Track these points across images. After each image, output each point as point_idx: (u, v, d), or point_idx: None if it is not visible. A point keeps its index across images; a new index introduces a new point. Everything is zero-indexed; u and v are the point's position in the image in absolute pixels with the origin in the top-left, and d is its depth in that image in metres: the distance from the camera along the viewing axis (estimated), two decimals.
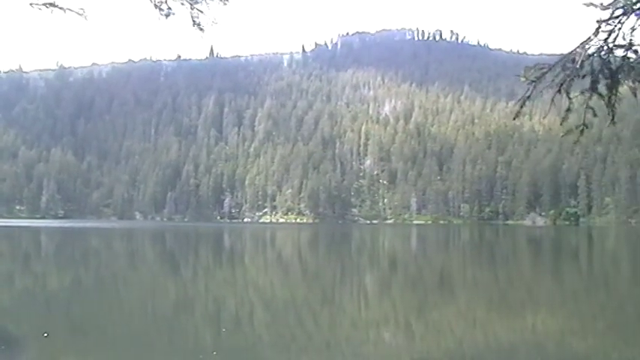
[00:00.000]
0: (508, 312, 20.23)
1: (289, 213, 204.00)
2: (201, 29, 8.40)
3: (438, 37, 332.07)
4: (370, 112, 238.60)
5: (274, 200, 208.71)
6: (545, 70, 5.99)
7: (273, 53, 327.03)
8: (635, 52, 5.84)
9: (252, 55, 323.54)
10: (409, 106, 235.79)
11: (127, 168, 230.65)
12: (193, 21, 8.34)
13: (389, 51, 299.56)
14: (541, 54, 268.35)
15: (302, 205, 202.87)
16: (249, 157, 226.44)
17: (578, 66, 5.89)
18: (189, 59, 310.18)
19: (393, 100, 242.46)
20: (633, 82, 5.93)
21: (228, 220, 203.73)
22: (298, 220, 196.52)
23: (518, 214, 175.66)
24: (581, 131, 6.43)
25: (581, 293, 25.98)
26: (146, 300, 23.18)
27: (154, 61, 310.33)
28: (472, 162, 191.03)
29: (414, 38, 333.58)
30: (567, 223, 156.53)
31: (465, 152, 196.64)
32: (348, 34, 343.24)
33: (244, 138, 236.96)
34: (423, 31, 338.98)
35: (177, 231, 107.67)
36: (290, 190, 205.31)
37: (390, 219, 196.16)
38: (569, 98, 6.14)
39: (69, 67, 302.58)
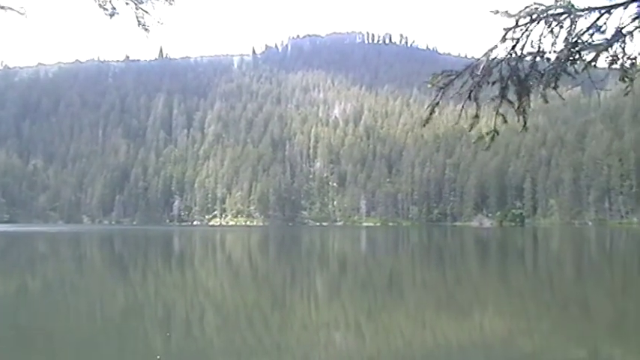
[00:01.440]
0: (456, 312, 20.46)
1: (239, 216, 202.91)
2: (146, 29, 8.25)
3: (387, 41, 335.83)
4: (320, 114, 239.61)
5: (224, 203, 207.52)
6: (452, 77, 6.04)
7: (223, 55, 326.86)
8: (548, 59, 5.92)
9: (201, 57, 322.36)
10: (359, 109, 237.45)
11: (74, 171, 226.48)
12: (138, 21, 8.19)
13: (339, 54, 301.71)
14: None
15: (252, 208, 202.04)
16: (199, 159, 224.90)
17: (484, 74, 5.96)
18: (138, 60, 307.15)
19: (342, 103, 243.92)
20: (544, 89, 6.01)
21: (177, 224, 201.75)
22: (248, 223, 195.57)
23: (466, 215, 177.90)
24: (492, 138, 6.46)
25: (527, 293, 26.42)
26: (94, 305, 22.78)
27: (101, 62, 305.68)
28: (421, 164, 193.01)
29: (364, 41, 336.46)
30: (513, 224, 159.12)
31: (413, 155, 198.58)
32: (298, 36, 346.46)
33: (194, 140, 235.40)
34: (372, 34, 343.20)
35: (126, 234, 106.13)
36: (240, 193, 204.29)
37: (340, 221, 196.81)
38: (478, 105, 6.20)
39: (14, 67, 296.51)
